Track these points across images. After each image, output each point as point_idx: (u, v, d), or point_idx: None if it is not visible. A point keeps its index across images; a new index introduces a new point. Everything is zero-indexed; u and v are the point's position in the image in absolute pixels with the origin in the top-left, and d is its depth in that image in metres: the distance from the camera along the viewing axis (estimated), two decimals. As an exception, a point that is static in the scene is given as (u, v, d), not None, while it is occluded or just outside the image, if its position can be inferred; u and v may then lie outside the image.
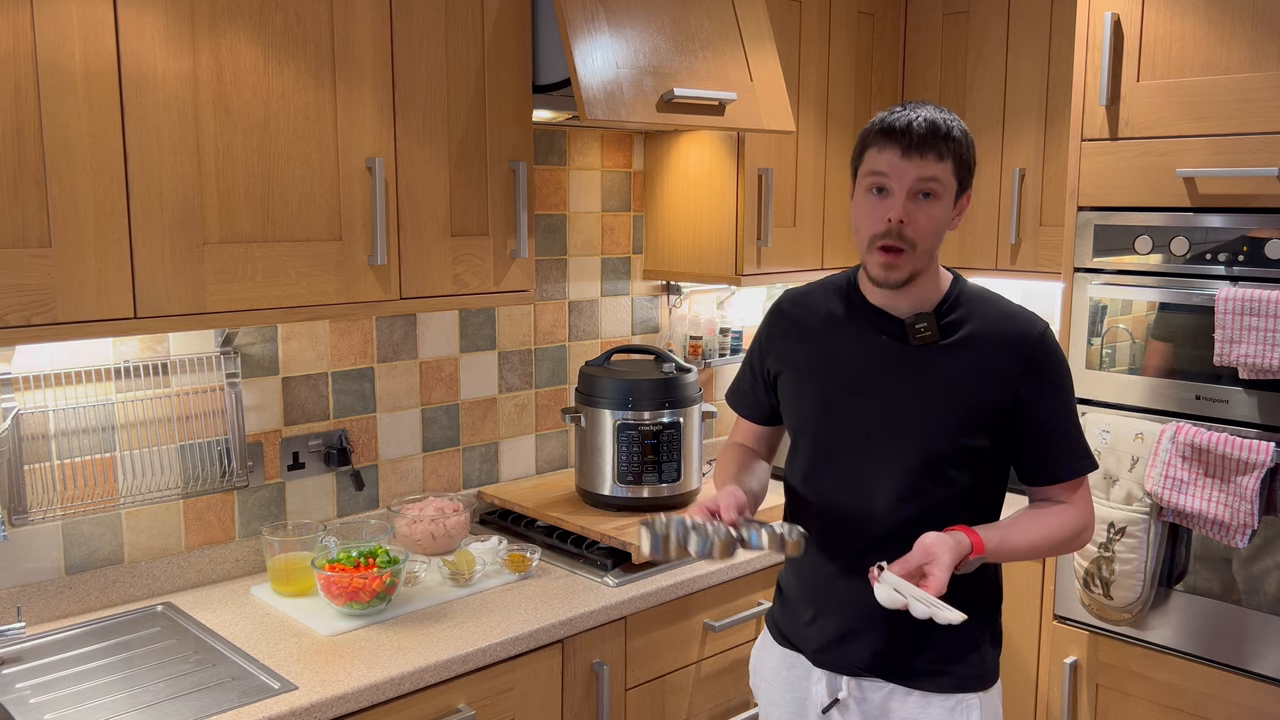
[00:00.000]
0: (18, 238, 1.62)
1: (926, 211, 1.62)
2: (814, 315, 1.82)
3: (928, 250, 1.65)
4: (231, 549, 2.27)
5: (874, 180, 1.64)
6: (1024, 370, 1.68)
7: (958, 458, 1.69)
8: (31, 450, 1.99)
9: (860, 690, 1.76)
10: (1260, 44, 2.22)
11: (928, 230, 1.63)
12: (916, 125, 1.60)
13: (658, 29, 2.28)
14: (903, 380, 1.71)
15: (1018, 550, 1.68)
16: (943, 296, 1.73)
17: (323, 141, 1.93)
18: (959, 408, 1.68)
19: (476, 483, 2.71)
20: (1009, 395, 1.68)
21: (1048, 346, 1.71)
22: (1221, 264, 2.30)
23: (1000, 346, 1.69)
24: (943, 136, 1.60)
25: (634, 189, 2.98)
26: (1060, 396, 1.72)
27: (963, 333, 1.71)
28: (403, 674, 1.84)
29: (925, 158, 1.59)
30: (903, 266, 1.64)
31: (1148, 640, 2.47)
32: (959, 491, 1.70)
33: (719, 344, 3.12)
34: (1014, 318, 1.72)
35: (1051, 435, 1.71)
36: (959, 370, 1.69)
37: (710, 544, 1.58)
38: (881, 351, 1.73)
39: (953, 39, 3.03)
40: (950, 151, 1.61)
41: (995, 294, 1.78)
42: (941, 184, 1.61)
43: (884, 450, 1.71)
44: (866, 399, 1.72)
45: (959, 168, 1.63)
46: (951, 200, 1.65)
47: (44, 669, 1.86)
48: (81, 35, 1.64)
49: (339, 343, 2.41)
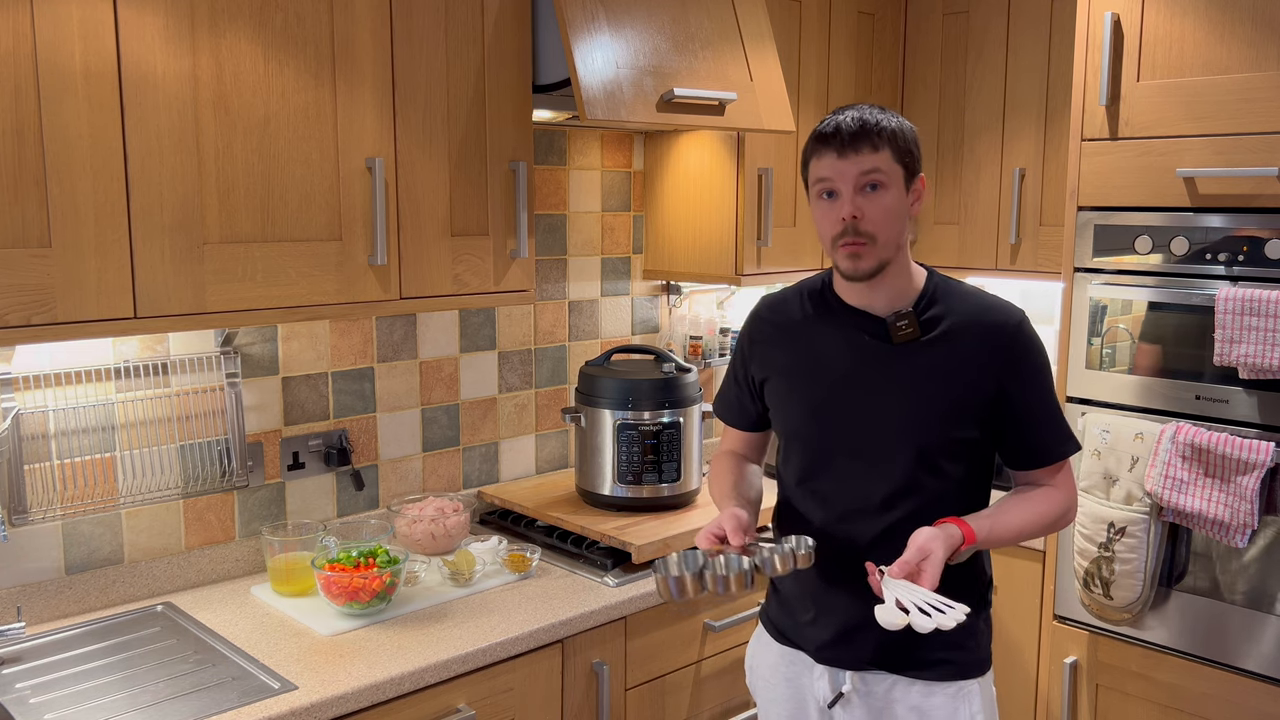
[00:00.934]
0: (18, 238, 1.62)
1: (876, 203, 1.66)
2: (793, 319, 1.84)
3: (889, 240, 1.68)
4: (231, 549, 2.27)
5: (821, 186, 1.70)
6: (1005, 360, 1.72)
7: (950, 450, 1.72)
8: (31, 450, 1.99)
9: (864, 683, 1.78)
10: (1260, 44, 2.22)
11: (883, 220, 1.67)
12: (845, 125, 1.66)
13: (658, 29, 2.28)
14: (890, 378, 1.73)
15: (1008, 535, 1.72)
16: (919, 293, 1.76)
17: (323, 141, 1.93)
18: (947, 401, 1.71)
19: (476, 483, 2.71)
20: (992, 385, 1.71)
21: (1026, 335, 1.75)
22: (1221, 264, 2.30)
23: (980, 338, 1.72)
24: (873, 129, 1.65)
25: (634, 189, 2.98)
26: (1041, 383, 1.76)
27: (942, 327, 1.73)
28: (403, 674, 1.84)
29: (860, 153, 1.65)
30: (867, 257, 1.68)
31: (1148, 640, 2.47)
32: (953, 483, 1.73)
33: (719, 344, 3.12)
34: (991, 309, 1.75)
35: (1035, 421, 1.75)
36: (942, 364, 1.72)
37: (726, 578, 1.60)
38: (866, 351, 1.75)
39: (953, 39, 3.03)
40: (884, 141, 1.66)
41: (971, 286, 1.81)
42: (884, 173, 1.66)
43: (877, 448, 1.73)
44: (856, 399, 1.74)
45: (898, 154, 1.67)
46: (901, 187, 1.69)
47: (44, 669, 1.86)
48: (81, 35, 1.64)
49: (339, 343, 2.41)
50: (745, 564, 1.61)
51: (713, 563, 1.61)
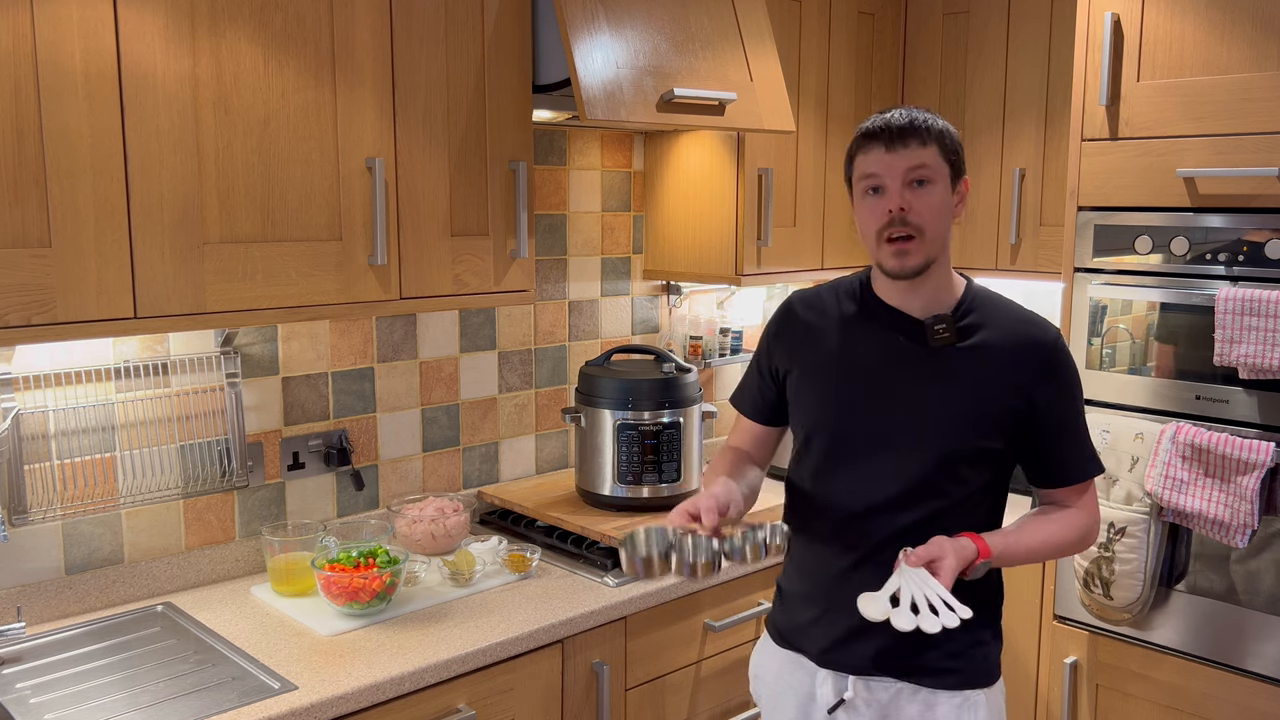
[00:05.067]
0: (18, 238, 1.62)
1: (924, 197, 1.65)
2: (827, 316, 1.82)
3: (936, 236, 1.67)
4: (231, 549, 2.27)
5: (868, 182, 1.69)
6: (1039, 375, 1.71)
7: (973, 458, 1.71)
8: (31, 450, 1.99)
9: (867, 689, 1.76)
10: (1260, 44, 2.22)
11: (930, 214, 1.66)
12: (894, 120, 1.66)
13: (658, 29, 2.28)
14: (921, 381, 1.72)
15: (1022, 555, 1.71)
16: (958, 300, 1.75)
17: (323, 141, 1.93)
18: (976, 410, 1.70)
19: (476, 483, 2.71)
20: (1023, 399, 1.70)
21: (1061, 352, 1.74)
22: (1221, 264, 2.30)
23: (1015, 351, 1.71)
24: (921, 125, 1.66)
25: (634, 189, 2.98)
26: (1072, 401, 1.75)
27: (978, 337, 1.72)
28: (403, 674, 1.84)
29: (909, 147, 1.65)
30: (915, 253, 1.66)
31: (1148, 640, 2.47)
32: (971, 492, 1.72)
33: (719, 344, 3.12)
34: (1028, 323, 1.75)
35: (1062, 439, 1.74)
36: (975, 373, 1.71)
37: (693, 565, 1.56)
38: (899, 352, 1.74)
39: (953, 39, 3.03)
40: (932, 137, 1.66)
41: (1008, 299, 1.80)
42: (932, 169, 1.66)
43: (900, 450, 1.72)
44: (885, 399, 1.73)
45: (945, 152, 1.67)
46: (948, 185, 1.68)
47: (44, 669, 1.86)
48: (81, 35, 1.64)
49: (339, 343, 2.41)
50: (714, 548, 1.56)
51: (681, 543, 1.57)
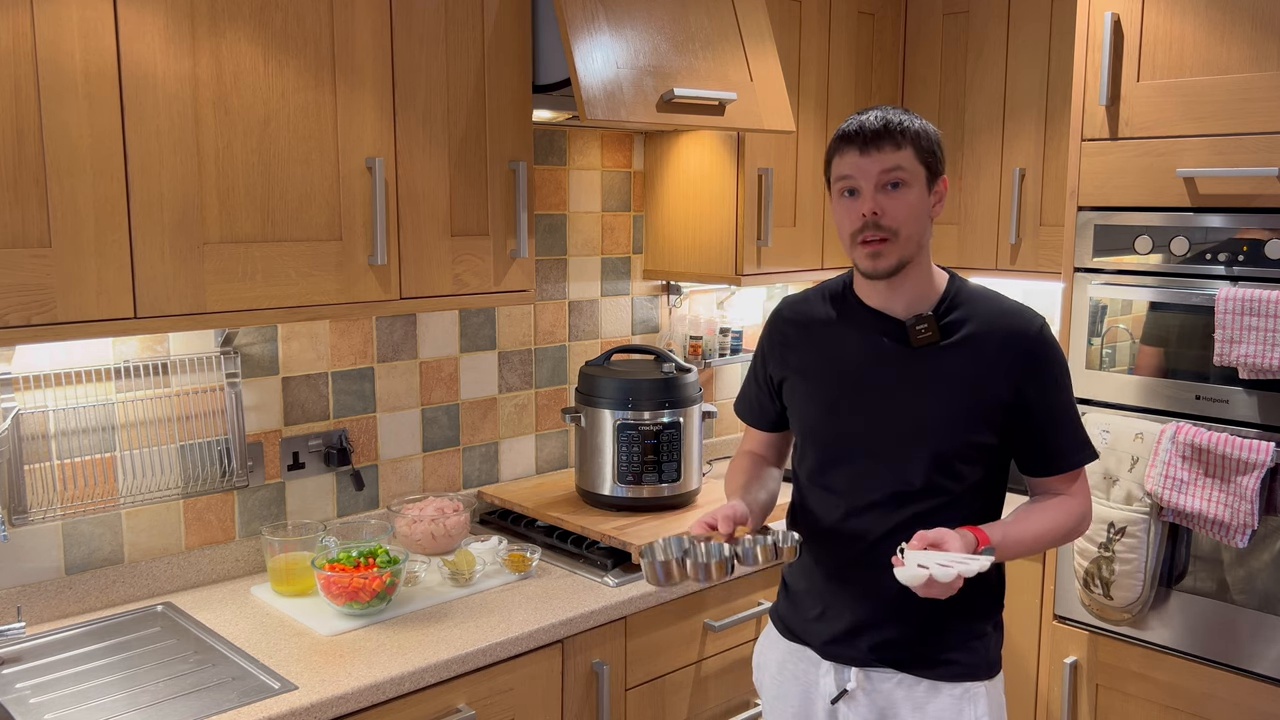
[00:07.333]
0: (18, 238, 1.62)
1: (898, 200, 1.66)
2: (813, 320, 1.84)
3: (911, 237, 1.68)
4: (231, 549, 2.27)
5: (843, 184, 1.70)
6: (1025, 366, 1.71)
7: (967, 454, 1.72)
8: (31, 450, 1.99)
9: (869, 681, 1.78)
10: (1260, 44, 2.22)
11: (904, 217, 1.67)
12: (869, 124, 1.67)
13: (657, 29, 2.28)
14: (907, 381, 1.72)
15: (1021, 545, 1.71)
16: (940, 297, 1.75)
17: (323, 141, 1.93)
18: (965, 406, 1.70)
19: (476, 483, 2.71)
20: (1010, 390, 1.71)
21: (1046, 341, 1.74)
22: (1221, 264, 2.30)
23: (1000, 343, 1.72)
24: (895, 128, 1.66)
25: (634, 189, 2.98)
26: (1059, 389, 1.75)
27: (963, 332, 1.73)
28: (403, 674, 1.84)
29: (883, 150, 1.66)
30: (888, 255, 1.67)
31: (1147, 640, 2.47)
32: (967, 487, 1.73)
33: (719, 344, 3.12)
34: (1012, 314, 1.75)
35: (1053, 428, 1.74)
36: (962, 369, 1.71)
37: (706, 565, 1.64)
38: (884, 353, 1.74)
39: (953, 39, 3.03)
40: (907, 140, 1.67)
41: (992, 291, 1.80)
42: (906, 171, 1.66)
43: (893, 449, 1.72)
44: (873, 400, 1.74)
45: (920, 154, 1.68)
46: (924, 187, 1.69)
47: (44, 669, 1.86)
48: (81, 35, 1.64)
49: (339, 343, 2.41)
50: (726, 551, 1.64)
51: (696, 549, 1.65)
